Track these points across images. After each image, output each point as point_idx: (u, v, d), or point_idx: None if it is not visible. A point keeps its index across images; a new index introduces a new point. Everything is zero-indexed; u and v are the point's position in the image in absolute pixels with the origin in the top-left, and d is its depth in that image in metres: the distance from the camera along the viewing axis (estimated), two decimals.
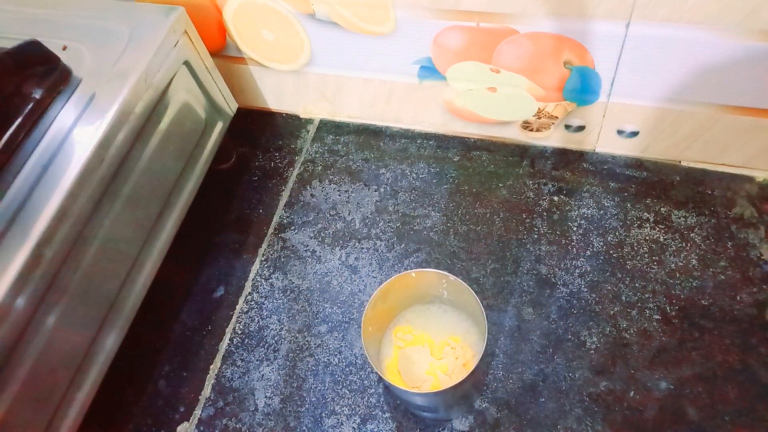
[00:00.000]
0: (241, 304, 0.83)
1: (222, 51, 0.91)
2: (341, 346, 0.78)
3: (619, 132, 0.83)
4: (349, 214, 0.89)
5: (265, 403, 0.75)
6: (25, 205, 0.58)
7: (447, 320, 0.70)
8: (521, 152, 0.90)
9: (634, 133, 0.82)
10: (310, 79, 0.92)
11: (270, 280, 0.84)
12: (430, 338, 0.70)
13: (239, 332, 0.81)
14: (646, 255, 0.78)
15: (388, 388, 0.73)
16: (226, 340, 0.81)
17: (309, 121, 1.01)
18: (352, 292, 0.82)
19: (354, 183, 0.92)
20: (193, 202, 0.82)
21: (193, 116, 0.81)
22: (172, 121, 0.75)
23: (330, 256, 0.85)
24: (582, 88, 0.77)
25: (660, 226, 0.80)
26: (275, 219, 0.90)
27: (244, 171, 0.97)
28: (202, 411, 0.76)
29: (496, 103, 0.84)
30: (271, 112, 1.03)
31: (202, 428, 0.74)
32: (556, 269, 0.79)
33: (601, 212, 0.83)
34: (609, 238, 0.80)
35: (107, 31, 0.72)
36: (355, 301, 0.81)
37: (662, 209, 0.81)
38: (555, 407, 0.70)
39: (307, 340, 0.79)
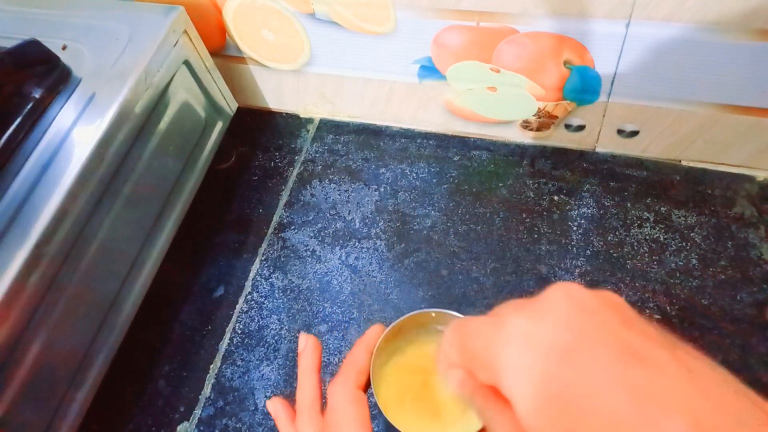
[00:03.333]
0: (241, 304, 0.83)
1: (222, 51, 0.91)
2: (341, 345, 0.77)
3: (619, 131, 0.83)
4: (349, 214, 0.89)
5: (265, 402, 0.75)
6: (25, 205, 0.58)
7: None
8: (521, 152, 0.90)
9: (634, 133, 0.82)
10: (310, 78, 0.92)
11: (270, 280, 0.84)
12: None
13: (239, 332, 0.81)
14: (646, 254, 0.78)
15: None
16: (226, 340, 0.81)
17: (309, 120, 1.01)
18: (352, 291, 0.82)
19: (354, 182, 0.92)
20: (192, 202, 0.82)
21: (192, 116, 0.81)
22: (172, 120, 0.75)
23: (330, 255, 0.85)
24: (582, 87, 0.77)
25: (660, 225, 0.80)
26: (275, 218, 0.90)
27: (244, 171, 0.97)
28: (202, 411, 0.76)
29: (496, 102, 0.84)
30: (271, 111, 1.03)
31: (202, 428, 0.74)
32: (557, 269, 0.79)
33: (601, 212, 0.83)
34: (609, 237, 0.80)
35: (107, 30, 0.72)
36: (355, 301, 0.81)
37: (662, 209, 0.81)
38: None
39: None
